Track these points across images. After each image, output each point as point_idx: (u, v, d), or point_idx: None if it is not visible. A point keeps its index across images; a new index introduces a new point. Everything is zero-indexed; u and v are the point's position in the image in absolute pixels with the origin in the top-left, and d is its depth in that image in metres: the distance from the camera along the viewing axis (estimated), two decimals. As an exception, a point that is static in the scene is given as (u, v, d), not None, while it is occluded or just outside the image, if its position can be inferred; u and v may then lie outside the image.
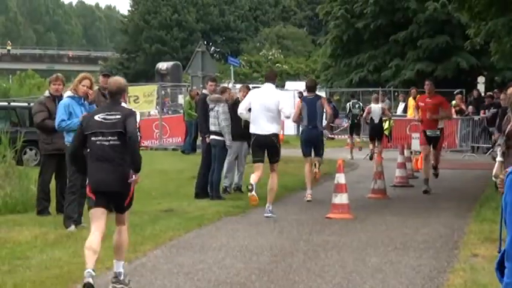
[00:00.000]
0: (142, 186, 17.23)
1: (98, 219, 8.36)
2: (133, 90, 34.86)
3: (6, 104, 26.46)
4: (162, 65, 50.60)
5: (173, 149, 29.93)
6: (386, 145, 27.54)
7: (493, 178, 14.35)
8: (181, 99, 39.94)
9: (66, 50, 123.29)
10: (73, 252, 9.95)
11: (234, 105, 16.57)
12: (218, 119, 15.51)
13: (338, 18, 43.65)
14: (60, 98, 12.46)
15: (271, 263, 9.61)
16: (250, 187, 13.28)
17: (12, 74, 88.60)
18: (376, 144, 24.09)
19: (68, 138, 11.75)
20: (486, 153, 27.64)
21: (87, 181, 8.43)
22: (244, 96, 15.26)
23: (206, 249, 10.45)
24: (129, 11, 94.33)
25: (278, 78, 66.72)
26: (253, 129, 13.60)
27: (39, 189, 13.20)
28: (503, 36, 23.65)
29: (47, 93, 13.41)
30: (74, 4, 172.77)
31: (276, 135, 13.60)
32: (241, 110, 13.97)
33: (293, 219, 13.25)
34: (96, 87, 13.98)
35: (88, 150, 8.30)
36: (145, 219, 12.71)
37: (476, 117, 29.76)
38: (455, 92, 31.33)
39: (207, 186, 15.74)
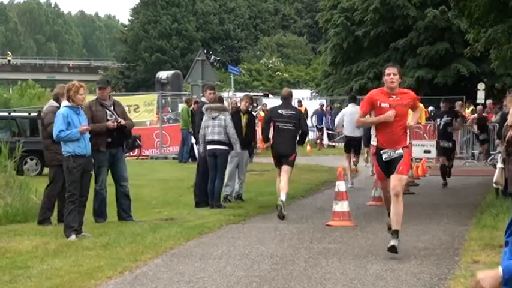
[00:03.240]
0: (142, 196, 17.26)
1: (281, 172, 14.69)
2: (134, 99, 34.97)
3: (6, 114, 26.49)
4: (163, 74, 50.73)
5: (173, 158, 29.94)
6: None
7: (494, 185, 14.37)
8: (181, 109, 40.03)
9: (67, 59, 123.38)
10: (73, 261, 9.94)
11: (235, 113, 16.56)
12: (226, 128, 15.40)
13: (338, 26, 43.70)
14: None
15: (272, 271, 9.59)
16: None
17: (13, 84, 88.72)
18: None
19: (66, 148, 11.75)
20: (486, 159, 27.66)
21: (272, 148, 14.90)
22: (247, 106, 17.08)
23: (207, 257, 10.44)
24: (129, 20, 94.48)
25: (278, 87, 66.46)
26: (346, 132, 20.11)
27: (46, 199, 13.17)
28: (503, 43, 23.66)
29: (55, 104, 13.34)
30: (73, 14, 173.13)
31: (360, 137, 19.89)
32: (337, 122, 20.76)
33: (294, 226, 13.24)
34: (94, 97, 14.02)
35: (273, 129, 14.87)
36: (145, 228, 12.70)
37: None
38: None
39: (206, 195, 15.72)
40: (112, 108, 13.63)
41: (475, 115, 27.58)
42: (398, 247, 10.23)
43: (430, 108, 29.90)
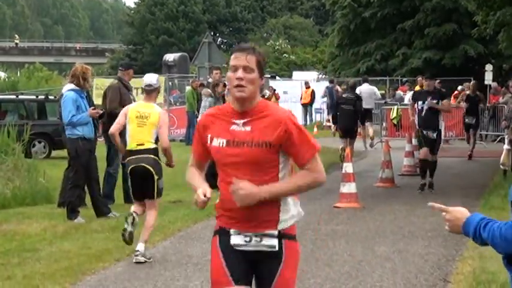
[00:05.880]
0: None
1: (344, 142, 18.72)
2: (141, 82, 34.92)
3: (14, 97, 26.53)
4: (169, 57, 50.58)
5: (181, 140, 29.98)
6: (395, 134, 27.52)
7: (501, 166, 14.35)
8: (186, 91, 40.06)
9: (74, 42, 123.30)
10: (82, 244, 9.99)
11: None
12: None
13: (345, 8, 43.52)
14: None
15: (280, 252, 9.61)
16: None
17: (20, 67, 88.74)
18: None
19: (74, 131, 11.75)
20: (494, 141, 27.61)
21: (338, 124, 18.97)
22: None
23: (215, 239, 10.46)
24: (135, 3, 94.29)
25: (285, 69, 66.08)
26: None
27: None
28: (512, 25, 23.56)
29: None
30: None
31: (371, 109, 25.19)
32: None
33: (301, 208, 13.24)
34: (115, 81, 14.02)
35: (338, 112, 18.91)
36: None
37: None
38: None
39: (212, 177, 15.69)
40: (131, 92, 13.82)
41: (467, 92, 24.62)
42: None
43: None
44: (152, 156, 9.39)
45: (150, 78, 10.01)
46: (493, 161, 19.24)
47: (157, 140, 9.54)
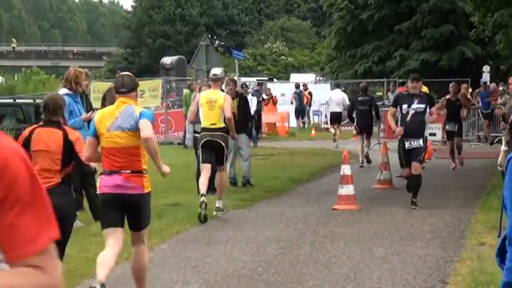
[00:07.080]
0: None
1: (361, 139, 20.71)
2: (139, 85, 34.89)
3: (12, 101, 26.51)
4: (167, 60, 50.72)
5: (179, 143, 29.97)
6: (393, 136, 27.49)
7: (499, 167, 14.31)
8: (184, 94, 40.10)
9: (71, 46, 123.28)
10: (80, 247, 9.97)
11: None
12: None
13: (342, 10, 43.55)
14: None
15: (278, 255, 9.62)
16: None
17: (18, 71, 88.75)
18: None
19: None
20: (492, 142, 27.61)
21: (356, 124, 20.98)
22: (233, 90, 16.26)
23: (213, 242, 10.46)
24: (132, 6, 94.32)
25: (282, 71, 66.11)
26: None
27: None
28: (510, 26, 23.57)
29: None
30: (77, 0, 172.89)
31: (340, 112, 26.55)
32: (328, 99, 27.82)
33: (299, 211, 13.26)
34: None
35: (355, 112, 20.79)
36: (151, 213, 12.70)
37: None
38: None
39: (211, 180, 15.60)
40: None
41: (448, 96, 20.48)
42: None
43: None
44: (222, 133, 12.30)
45: (216, 69, 12.93)
46: (491, 162, 19.23)
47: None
